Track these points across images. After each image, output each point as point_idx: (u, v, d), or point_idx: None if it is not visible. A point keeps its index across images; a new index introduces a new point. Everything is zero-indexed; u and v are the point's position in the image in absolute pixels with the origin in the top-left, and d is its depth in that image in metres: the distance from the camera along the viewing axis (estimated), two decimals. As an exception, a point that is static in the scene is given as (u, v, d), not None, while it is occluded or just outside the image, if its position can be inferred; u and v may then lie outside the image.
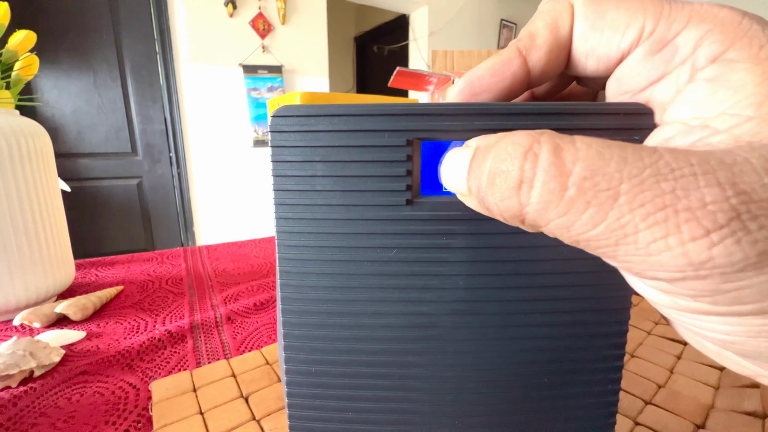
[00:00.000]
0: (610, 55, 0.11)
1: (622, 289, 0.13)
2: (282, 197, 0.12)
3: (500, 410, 0.13)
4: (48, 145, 0.41)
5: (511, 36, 3.11)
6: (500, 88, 0.12)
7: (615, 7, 0.10)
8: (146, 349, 0.32)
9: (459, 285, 0.12)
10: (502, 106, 0.11)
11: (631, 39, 0.10)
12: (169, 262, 0.56)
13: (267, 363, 0.29)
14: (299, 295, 0.13)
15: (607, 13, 0.11)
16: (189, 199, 1.93)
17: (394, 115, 0.11)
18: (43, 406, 0.26)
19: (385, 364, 0.13)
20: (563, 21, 0.11)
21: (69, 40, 1.59)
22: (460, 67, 1.06)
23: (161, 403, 0.25)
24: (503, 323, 0.13)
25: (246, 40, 1.93)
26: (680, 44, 0.10)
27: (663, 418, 0.23)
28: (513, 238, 0.12)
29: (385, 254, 0.12)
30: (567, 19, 0.11)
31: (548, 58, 0.12)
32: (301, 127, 0.12)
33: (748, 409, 0.23)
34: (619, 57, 0.11)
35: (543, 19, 0.12)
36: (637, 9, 0.10)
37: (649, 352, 0.30)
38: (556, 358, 0.13)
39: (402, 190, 0.12)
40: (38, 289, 0.39)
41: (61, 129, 1.65)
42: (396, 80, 0.67)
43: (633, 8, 0.10)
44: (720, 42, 0.09)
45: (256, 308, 0.40)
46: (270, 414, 0.24)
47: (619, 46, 0.11)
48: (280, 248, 0.12)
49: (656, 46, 0.10)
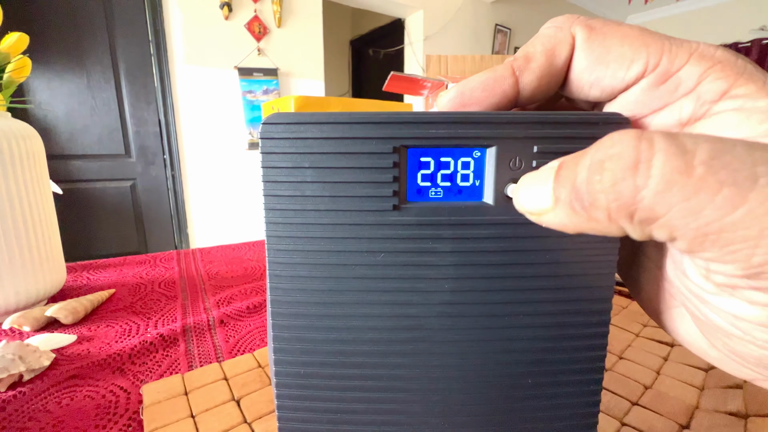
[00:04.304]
0: (615, 86, 0.12)
1: (602, 291, 0.13)
2: (272, 202, 0.12)
3: (485, 411, 0.14)
4: (39, 147, 0.41)
5: (505, 41, 3.14)
6: (489, 103, 0.13)
7: (619, 43, 0.11)
8: (138, 353, 0.32)
9: (445, 288, 0.13)
10: (485, 116, 0.12)
11: (637, 72, 0.11)
12: (161, 265, 0.56)
13: (259, 366, 0.29)
14: (289, 298, 0.13)
15: (612, 48, 0.11)
16: (183, 201, 1.92)
17: (381, 123, 0.12)
18: (32, 410, 0.25)
19: (373, 366, 0.13)
20: (561, 50, 0.12)
21: (62, 42, 1.58)
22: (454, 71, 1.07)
23: (152, 406, 0.25)
24: (488, 325, 0.13)
25: (241, 42, 1.93)
26: (683, 78, 0.11)
27: (649, 418, 0.23)
28: (498, 243, 0.12)
29: (372, 258, 0.13)
30: (565, 50, 0.12)
31: (539, 83, 0.12)
32: (290, 134, 0.12)
33: (731, 409, 0.23)
34: (623, 88, 0.12)
35: (542, 43, 0.12)
36: (640, 45, 0.11)
37: (637, 353, 0.30)
38: (540, 359, 0.13)
39: (389, 195, 0.12)
40: (28, 292, 0.38)
41: (54, 130, 1.63)
42: (390, 85, 0.68)
43: (636, 44, 0.11)
44: (723, 79, 0.10)
45: (248, 311, 0.40)
46: (261, 417, 0.24)
47: (624, 79, 0.11)
48: (270, 252, 0.13)
49: (661, 78, 0.11)
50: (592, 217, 0.08)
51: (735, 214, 0.07)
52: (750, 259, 0.07)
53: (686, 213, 0.07)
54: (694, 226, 0.07)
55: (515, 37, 3.22)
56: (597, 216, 0.08)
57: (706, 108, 0.11)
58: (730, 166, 0.07)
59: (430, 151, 0.12)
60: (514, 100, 0.13)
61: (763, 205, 0.06)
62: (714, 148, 0.07)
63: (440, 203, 0.12)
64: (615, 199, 0.08)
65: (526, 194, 0.10)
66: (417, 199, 0.13)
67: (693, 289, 0.10)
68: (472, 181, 0.12)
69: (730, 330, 0.09)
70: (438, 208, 0.12)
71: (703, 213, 0.07)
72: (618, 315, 0.37)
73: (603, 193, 0.08)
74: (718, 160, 0.07)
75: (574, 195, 0.08)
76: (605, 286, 0.13)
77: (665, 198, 0.07)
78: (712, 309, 0.10)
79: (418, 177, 0.12)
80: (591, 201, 0.08)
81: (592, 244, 0.12)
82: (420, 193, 0.12)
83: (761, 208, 0.06)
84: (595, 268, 0.13)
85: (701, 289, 0.10)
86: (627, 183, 0.07)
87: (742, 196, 0.07)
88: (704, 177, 0.07)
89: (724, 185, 0.07)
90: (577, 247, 0.12)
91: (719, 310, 0.09)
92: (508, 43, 3.17)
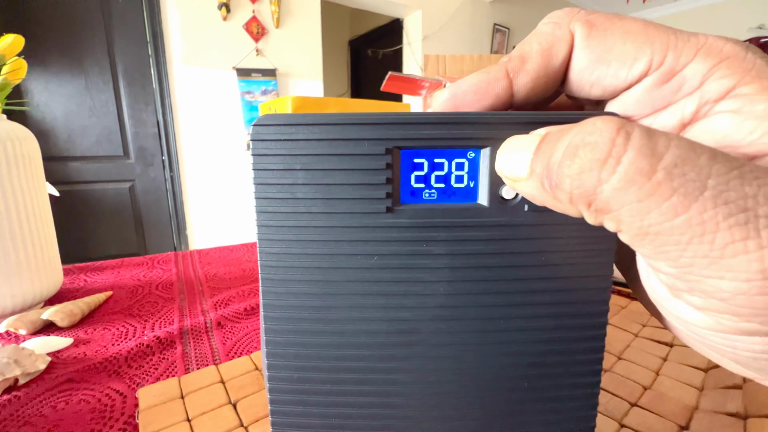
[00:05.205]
0: (617, 86, 0.11)
1: (599, 292, 0.13)
2: (263, 205, 0.12)
3: (481, 415, 0.13)
4: (35, 149, 0.41)
5: (504, 40, 3.14)
6: (482, 105, 0.12)
7: (621, 40, 0.11)
8: (134, 356, 0.32)
9: (439, 291, 0.13)
10: (479, 116, 0.12)
11: (640, 71, 0.11)
12: (159, 267, 0.55)
13: (256, 368, 0.29)
14: (281, 301, 0.13)
15: (614, 46, 0.11)
16: (182, 202, 1.92)
17: (374, 124, 0.12)
18: (28, 414, 0.25)
19: (367, 370, 0.13)
20: (559, 50, 0.11)
21: (60, 43, 1.58)
22: (453, 71, 1.07)
23: (148, 410, 0.25)
24: (483, 328, 0.13)
25: (240, 43, 1.92)
26: (688, 76, 0.10)
27: (648, 419, 0.23)
28: (492, 245, 0.12)
29: (366, 261, 0.12)
30: (563, 49, 0.11)
31: (534, 85, 0.12)
32: (282, 135, 0.12)
33: (730, 410, 0.23)
34: (625, 87, 0.11)
35: (539, 42, 0.12)
36: (643, 42, 0.10)
37: (636, 354, 0.30)
38: (536, 362, 0.13)
39: (382, 197, 0.12)
40: (24, 295, 0.38)
41: (52, 132, 1.63)
42: (388, 85, 0.68)
43: (639, 41, 0.10)
44: (729, 77, 0.09)
45: (246, 313, 0.40)
46: (258, 420, 0.24)
47: (626, 78, 0.11)
48: (262, 255, 0.13)
49: (664, 77, 0.10)
50: (555, 197, 0.09)
51: (675, 220, 0.07)
52: (678, 259, 0.08)
53: (635, 212, 0.08)
54: (638, 225, 0.08)
55: (514, 37, 3.22)
56: (560, 197, 0.09)
57: (709, 107, 0.10)
58: (687, 175, 0.07)
59: (423, 153, 0.12)
60: (508, 103, 0.12)
61: (701, 215, 0.07)
62: (680, 155, 0.07)
63: (434, 205, 0.12)
64: (578, 186, 0.08)
65: (507, 159, 0.10)
66: (411, 200, 0.12)
67: (653, 294, 0.10)
68: (467, 183, 0.12)
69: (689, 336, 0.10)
70: (432, 209, 0.12)
71: (648, 215, 0.07)
72: (617, 315, 0.37)
73: (569, 178, 0.08)
74: (680, 168, 0.07)
75: (546, 172, 0.09)
76: (602, 288, 0.13)
77: (621, 196, 0.08)
78: (670, 316, 0.10)
79: (411, 178, 0.12)
80: (558, 182, 0.09)
81: (588, 245, 0.12)
82: (414, 194, 0.12)
83: (698, 218, 0.07)
84: (592, 270, 0.13)
85: (658, 295, 0.10)
86: (592, 174, 0.08)
87: (685, 206, 0.07)
88: (661, 182, 0.07)
89: (675, 193, 0.07)
90: (573, 249, 0.12)
91: (675, 317, 0.10)
92: (506, 42, 3.17)
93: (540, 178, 0.09)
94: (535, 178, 0.09)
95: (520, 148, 0.10)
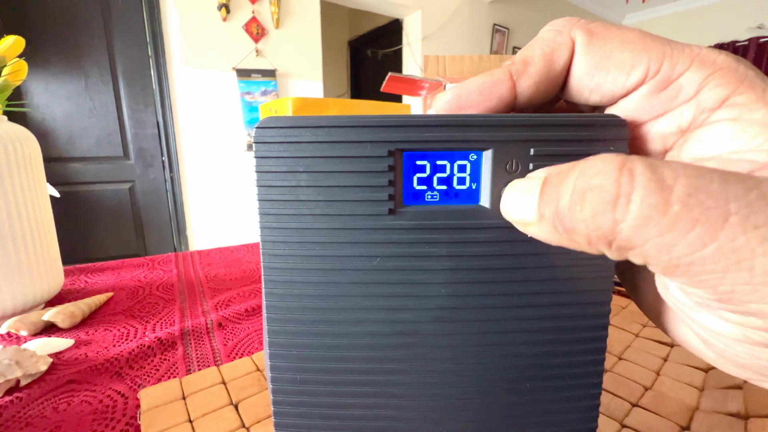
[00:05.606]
0: (615, 92, 0.12)
1: (601, 294, 0.13)
2: (266, 207, 0.12)
3: (483, 416, 0.14)
4: (36, 150, 0.41)
5: (503, 40, 3.14)
6: (485, 107, 0.12)
7: (620, 48, 0.11)
8: (135, 357, 0.32)
9: (441, 293, 0.13)
10: (482, 118, 0.12)
11: (637, 78, 0.11)
12: (160, 268, 0.56)
13: (257, 369, 0.29)
14: (284, 303, 0.13)
15: (613, 53, 0.11)
16: (182, 203, 1.92)
17: (376, 126, 0.12)
18: (29, 416, 0.25)
19: (369, 371, 0.13)
20: (560, 55, 0.12)
21: (60, 44, 1.58)
22: (452, 71, 1.07)
23: (149, 411, 0.25)
24: (485, 330, 0.13)
25: (239, 43, 1.92)
26: (684, 85, 0.10)
27: (649, 420, 0.23)
28: (494, 247, 0.12)
29: (368, 263, 0.12)
30: (565, 54, 0.12)
31: (537, 88, 0.12)
32: (285, 138, 0.12)
33: (731, 410, 0.23)
34: (623, 93, 0.11)
35: (541, 47, 0.12)
36: (641, 50, 0.11)
37: (637, 354, 0.30)
38: (538, 363, 0.13)
39: (385, 199, 0.12)
40: (25, 296, 0.38)
41: (52, 133, 1.63)
42: (388, 85, 0.68)
43: (637, 49, 0.11)
44: (724, 86, 0.10)
45: (247, 314, 0.40)
46: (260, 421, 0.24)
47: (624, 85, 0.11)
48: (264, 257, 0.13)
49: (661, 85, 0.11)
50: (572, 240, 0.09)
51: (705, 250, 0.07)
52: (717, 287, 0.07)
53: (660, 247, 0.07)
54: (666, 258, 0.07)
55: (513, 37, 3.22)
56: (577, 240, 0.09)
57: (706, 115, 0.10)
58: (704, 204, 0.07)
59: (425, 155, 0.12)
60: (511, 105, 0.12)
61: (731, 243, 0.07)
62: (691, 185, 0.07)
63: (436, 207, 0.12)
64: (594, 229, 0.08)
65: (513, 204, 0.10)
66: (413, 202, 0.12)
67: (675, 303, 0.10)
68: (469, 185, 0.12)
69: (713, 341, 0.10)
70: (434, 211, 0.12)
71: (675, 248, 0.07)
72: (617, 315, 0.37)
73: (583, 222, 0.08)
74: (694, 197, 0.07)
75: (557, 218, 0.09)
76: (603, 289, 0.13)
77: (642, 232, 0.07)
78: (694, 322, 0.10)
79: (413, 180, 0.12)
80: (572, 227, 0.08)
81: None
82: (416, 196, 0.12)
83: (729, 245, 0.07)
84: (593, 271, 0.13)
85: (682, 304, 0.10)
86: (606, 216, 0.08)
87: (712, 235, 0.07)
88: (679, 215, 0.07)
89: (697, 223, 0.07)
90: (574, 250, 0.12)
91: (699, 325, 0.10)
92: (506, 42, 3.17)
93: (552, 222, 0.09)
94: (546, 223, 0.09)
95: (523, 191, 0.10)
